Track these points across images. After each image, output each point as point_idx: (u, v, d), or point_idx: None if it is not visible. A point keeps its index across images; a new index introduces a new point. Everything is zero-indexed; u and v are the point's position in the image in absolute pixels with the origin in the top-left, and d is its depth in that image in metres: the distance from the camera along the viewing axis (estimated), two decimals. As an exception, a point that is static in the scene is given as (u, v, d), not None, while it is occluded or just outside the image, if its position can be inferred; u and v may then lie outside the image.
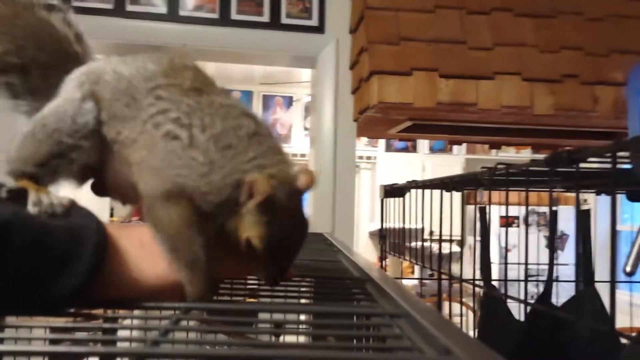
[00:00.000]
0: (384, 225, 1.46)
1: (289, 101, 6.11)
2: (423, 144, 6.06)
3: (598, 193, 1.34)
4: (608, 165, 0.66)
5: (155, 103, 0.48)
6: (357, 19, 2.12)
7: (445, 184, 0.96)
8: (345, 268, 0.71)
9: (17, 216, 0.37)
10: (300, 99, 6.17)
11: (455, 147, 6.09)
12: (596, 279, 1.18)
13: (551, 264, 0.92)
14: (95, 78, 0.52)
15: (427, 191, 1.31)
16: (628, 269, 0.45)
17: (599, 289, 1.06)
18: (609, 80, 1.92)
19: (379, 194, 1.42)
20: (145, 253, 0.44)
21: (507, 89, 1.94)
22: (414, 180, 1.16)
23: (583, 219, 1.15)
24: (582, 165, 0.61)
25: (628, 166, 0.82)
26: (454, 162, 6.12)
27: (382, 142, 5.99)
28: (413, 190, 1.39)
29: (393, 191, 1.30)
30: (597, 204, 4.38)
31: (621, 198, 1.31)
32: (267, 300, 0.61)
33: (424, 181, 1.09)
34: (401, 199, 1.37)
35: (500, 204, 1.16)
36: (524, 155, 6.26)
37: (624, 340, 1.13)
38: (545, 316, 0.95)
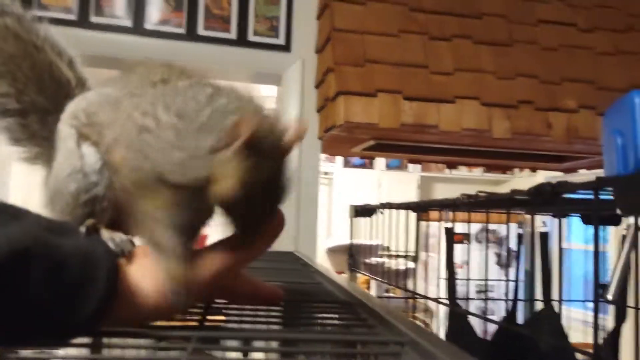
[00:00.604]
0: (353, 243, 1.49)
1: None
2: (380, 161, 6.16)
3: (554, 216, 1.41)
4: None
5: (130, 100, 0.48)
6: (323, 39, 2.16)
7: (420, 206, 0.99)
8: (329, 291, 0.72)
9: (37, 241, 0.37)
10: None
11: (410, 165, 6.22)
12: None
13: (516, 287, 0.97)
14: (84, 114, 0.51)
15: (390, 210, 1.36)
16: (609, 297, 0.49)
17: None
18: (562, 107, 2.03)
19: (348, 213, 1.44)
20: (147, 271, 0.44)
21: (466, 113, 2.01)
22: (388, 202, 1.20)
23: (542, 241, 1.21)
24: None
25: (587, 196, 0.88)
26: (410, 179, 6.26)
27: (339, 158, 6.06)
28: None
29: (363, 211, 1.33)
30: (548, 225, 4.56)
31: (569, 219, 1.38)
32: (244, 327, 0.61)
33: (399, 203, 1.13)
34: (368, 218, 1.40)
35: (451, 221, 1.21)
36: (475, 174, 6.48)
37: (579, 356, 1.19)
38: (510, 334, 0.99)
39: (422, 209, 1.01)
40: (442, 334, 1.46)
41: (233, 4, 2.20)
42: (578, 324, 1.50)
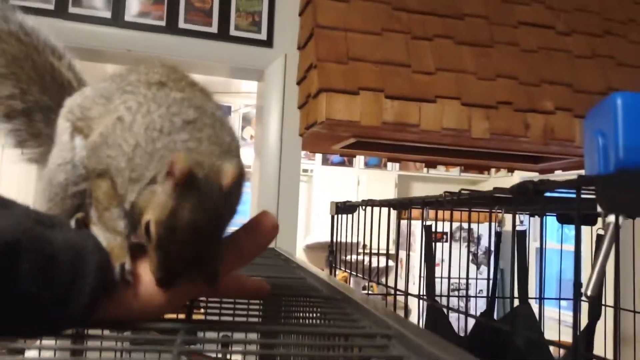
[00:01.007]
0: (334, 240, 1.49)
1: (227, 111, 6.05)
2: (359, 159, 6.19)
3: (532, 215, 1.44)
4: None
5: (120, 96, 0.49)
6: (306, 35, 2.15)
7: (402, 204, 1.00)
8: (313, 285, 0.72)
9: (27, 234, 0.36)
10: (238, 110, 6.13)
11: (389, 164, 6.26)
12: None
13: (494, 284, 0.98)
14: (78, 108, 0.52)
15: (371, 208, 1.36)
16: (589, 292, 0.50)
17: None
18: (540, 109, 2.06)
19: (329, 209, 1.45)
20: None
21: (447, 112, 2.03)
22: (370, 200, 1.20)
23: (520, 239, 1.23)
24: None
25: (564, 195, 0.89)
26: (388, 177, 6.30)
27: (318, 156, 6.07)
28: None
29: (345, 208, 1.33)
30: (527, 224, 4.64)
31: (546, 219, 1.41)
32: (224, 319, 0.61)
33: (381, 200, 1.13)
34: (349, 215, 1.41)
35: (430, 219, 1.23)
36: (452, 173, 6.56)
37: (556, 352, 1.21)
38: (487, 329, 1.01)
39: (404, 206, 1.01)
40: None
41: (215, -2, 2.18)
42: (551, 322, 1.53)
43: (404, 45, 2.07)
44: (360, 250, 1.73)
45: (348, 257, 1.60)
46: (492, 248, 1.25)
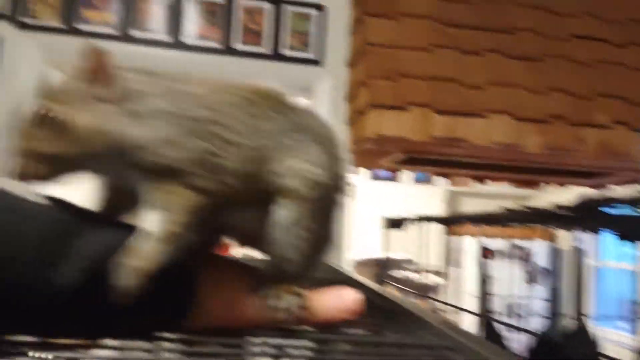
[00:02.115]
0: (385, 256, 1.51)
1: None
2: (406, 174, 6.15)
3: (589, 232, 1.41)
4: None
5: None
6: (355, 53, 2.19)
7: (457, 219, 1.01)
8: (370, 298, 0.74)
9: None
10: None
11: (437, 179, 6.20)
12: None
13: (554, 302, 0.97)
14: None
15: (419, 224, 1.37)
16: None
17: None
18: (595, 123, 2.02)
19: (380, 224, 1.46)
20: (222, 282, 0.47)
21: (497, 127, 2.02)
22: (424, 215, 1.21)
23: (577, 257, 1.21)
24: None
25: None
26: (436, 193, 6.23)
27: (364, 170, 6.07)
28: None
29: (396, 223, 1.35)
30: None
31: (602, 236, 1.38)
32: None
33: (435, 216, 1.14)
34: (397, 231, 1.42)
35: (483, 235, 1.22)
36: (502, 188, 6.41)
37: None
38: (545, 346, 1.00)
39: (458, 222, 1.02)
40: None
41: (267, 20, 2.26)
42: (609, 343, 1.49)
43: (453, 61, 2.08)
44: (409, 266, 1.73)
45: (396, 273, 1.61)
46: (542, 266, 1.23)
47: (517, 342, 1.29)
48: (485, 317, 1.08)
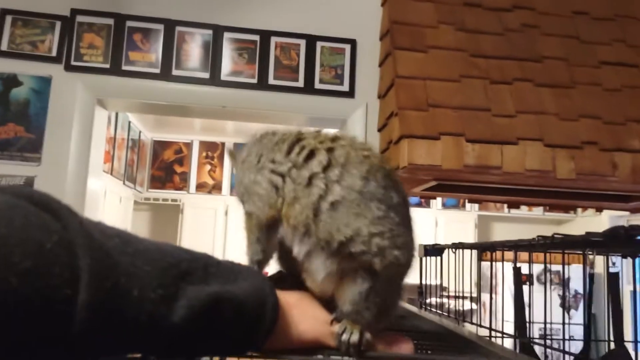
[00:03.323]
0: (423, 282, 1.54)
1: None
2: (437, 199, 6.15)
3: (624, 257, 1.42)
4: None
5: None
6: (386, 85, 2.27)
7: (492, 247, 1.05)
8: (416, 323, 0.79)
9: (224, 290, 0.47)
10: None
11: (468, 204, 6.17)
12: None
13: (589, 327, 0.99)
14: None
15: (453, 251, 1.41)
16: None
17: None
18: (627, 147, 2.03)
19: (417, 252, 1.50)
20: (295, 312, 0.54)
21: (530, 154, 2.05)
22: (460, 242, 1.26)
23: (613, 281, 1.23)
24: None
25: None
26: (467, 218, 6.20)
27: (395, 197, 6.08)
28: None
29: (433, 251, 1.39)
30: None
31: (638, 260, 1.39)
32: None
33: (471, 243, 1.18)
34: (438, 258, 1.46)
35: (516, 261, 1.25)
36: (535, 213, 6.34)
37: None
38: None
39: (493, 249, 1.06)
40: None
41: (301, 55, 2.36)
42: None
43: (482, 90, 2.13)
44: (445, 293, 1.76)
45: (432, 300, 1.63)
46: (578, 292, 1.25)
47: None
48: (524, 339, 1.11)
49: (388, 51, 2.26)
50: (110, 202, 4.38)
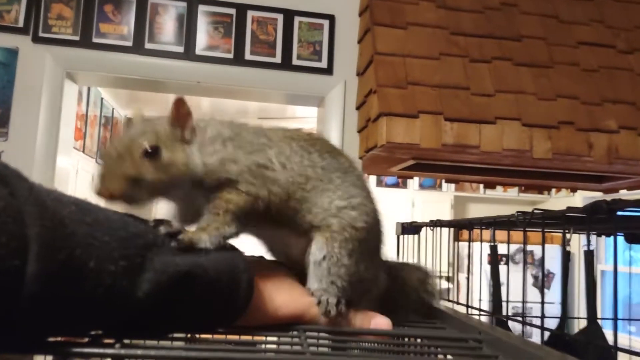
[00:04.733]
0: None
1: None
2: (413, 180, 6.18)
3: (599, 235, 1.43)
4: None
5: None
6: (365, 62, 2.23)
7: (471, 224, 1.04)
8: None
9: (195, 264, 0.44)
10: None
11: (444, 184, 6.22)
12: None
13: (565, 303, 1.00)
14: None
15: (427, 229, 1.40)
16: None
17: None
18: (603, 128, 2.04)
19: (394, 230, 1.49)
20: (269, 286, 0.52)
21: (507, 133, 2.05)
22: (438, 220, 1.24)
23: (589, 259, 1.23)
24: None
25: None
26: (443, 198, 6.25)
27: (372, 177, 6.11)
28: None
29: (410, 229, 1.37)
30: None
31: (606, 239, 1.40)
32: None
33: (449, 221, 1.17)
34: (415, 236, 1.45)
35: (490, 241, 1.25)
36: (510, 194, 6.42)
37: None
38: (559, 344, 1.02)
39: (472, 226, 1.05)
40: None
41: (278, 30, 2.30)
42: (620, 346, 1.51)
43: (462, 69, 2.11)
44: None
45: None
46: (550, 271, 1.25)
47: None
48: (499, 316, 1.11)
49: (367, 27, 2.23)
50: (82, 180, 4.28)
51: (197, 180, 0.53)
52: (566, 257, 1.06)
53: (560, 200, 5.70)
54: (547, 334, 1.19)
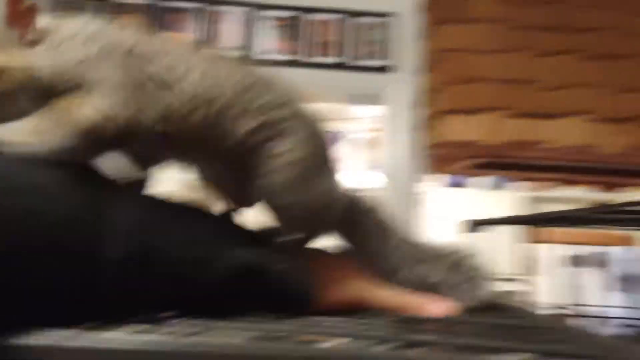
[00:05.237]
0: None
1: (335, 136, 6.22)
2: (475, 179, 6.03)
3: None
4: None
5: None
6: (427, 59, 2.22)
7: (547, 219, 1.02)
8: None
9: (262, 256, 0.45)
10: (350, 135, 6.28)
11: (507, 184, 6.04)
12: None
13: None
14: None
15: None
16: None
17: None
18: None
19: (465, 227, 1.48)
20: (329, 277, 0.50)
21: (573, 128, 1.99)
22: (515, 216, 1.23)
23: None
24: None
25: None
26: (510, 199, 6.06)
27: (433, 177, 6.01)
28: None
29: (481, 226, 1.36)
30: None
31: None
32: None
33: (523, 216, 1.16)
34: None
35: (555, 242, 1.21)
36: (577, 193, 6.14)
37: None
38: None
39: (545, 222, 1.03)
40: None
41: (337, 31, 2.33)
42: None
43: (526, 63, 2.07)
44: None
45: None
46: (629, 272, 1.21)
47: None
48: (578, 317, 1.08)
49: (429, 24, 2.22)
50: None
51: (45, 91, 0.41)
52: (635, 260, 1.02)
53: (631, 198, 5.41)
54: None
